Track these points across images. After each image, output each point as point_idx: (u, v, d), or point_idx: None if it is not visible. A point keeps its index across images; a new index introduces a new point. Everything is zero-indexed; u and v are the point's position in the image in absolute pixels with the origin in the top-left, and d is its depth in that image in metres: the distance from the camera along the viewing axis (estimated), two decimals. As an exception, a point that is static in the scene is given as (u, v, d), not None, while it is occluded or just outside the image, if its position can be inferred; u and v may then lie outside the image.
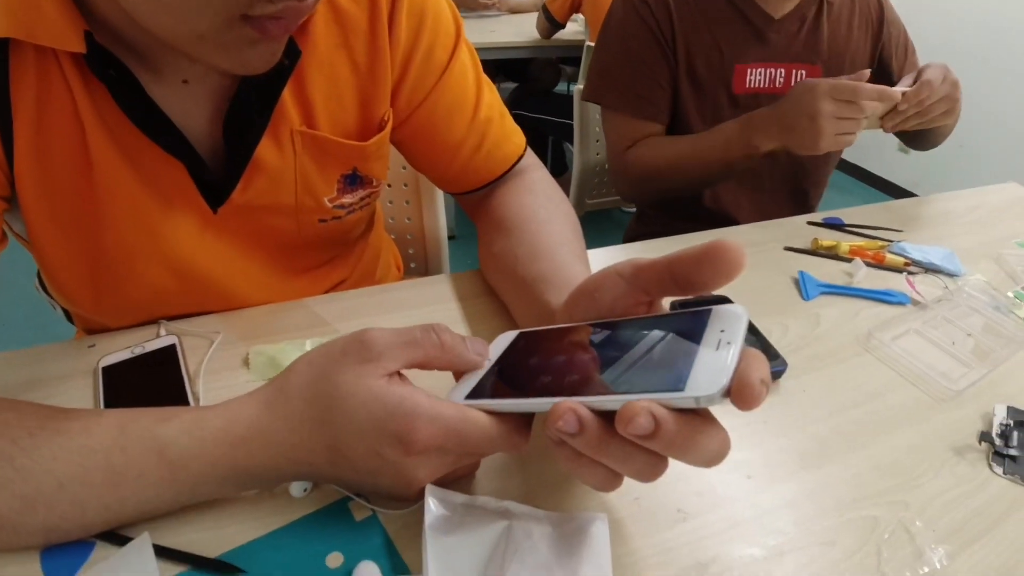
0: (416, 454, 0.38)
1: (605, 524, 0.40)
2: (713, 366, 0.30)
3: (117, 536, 0.40)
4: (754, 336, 0.63)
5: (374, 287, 0.70)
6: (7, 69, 0.47)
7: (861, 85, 0.84)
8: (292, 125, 0.57)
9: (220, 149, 0.55)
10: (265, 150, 0.56)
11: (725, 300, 0.57)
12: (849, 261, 0.80)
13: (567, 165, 2.94)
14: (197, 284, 0.61)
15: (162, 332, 0.59)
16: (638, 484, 0.34)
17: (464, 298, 0.68)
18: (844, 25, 1.09)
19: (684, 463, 0.33)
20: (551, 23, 2.58)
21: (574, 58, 2.47)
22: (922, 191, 2.21)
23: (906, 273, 0.79)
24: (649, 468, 0.34)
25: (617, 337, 0.37)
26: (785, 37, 1.05)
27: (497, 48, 2.57)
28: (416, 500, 0.41)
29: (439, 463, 0.40)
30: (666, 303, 0.64)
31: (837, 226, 0.91)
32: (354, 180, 0.65)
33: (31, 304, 1.71)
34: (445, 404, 0.38)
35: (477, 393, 0.40)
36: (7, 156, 0.50)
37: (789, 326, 0.68)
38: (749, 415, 0.55)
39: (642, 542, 0.44)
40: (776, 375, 0.60)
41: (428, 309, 0.67)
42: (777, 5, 1.03)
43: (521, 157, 0.73)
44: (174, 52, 0.44)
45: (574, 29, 2.73)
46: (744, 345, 0.31)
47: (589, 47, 2.19)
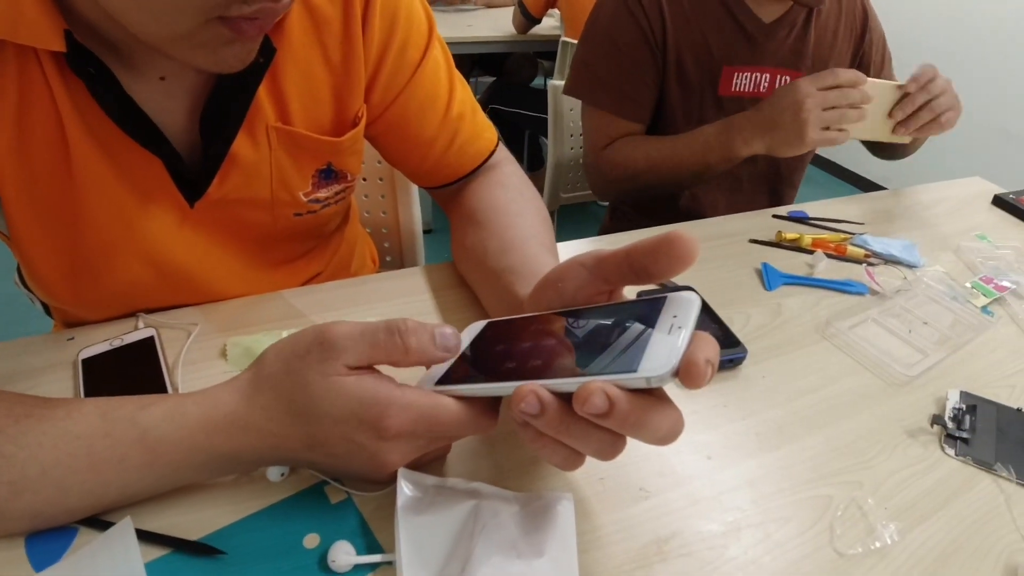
0: (389, 439, 0.39)
1: (571, 503, 0.42)
2: (664, 349, 0.32)
3: (100, 521, 0.41)
4: (716, 324, 0.65)
5: (349, 279, 0.71)
6: None
7: (838, 69, 0.85)
8: (268, 121, 0.58)
9: (197, 144, 0.56)
10: (241, 145, 0.57)
11: (689, 290, 0.59)
12: (811, 253, 0.83)
13: (544, 159, 2.94)
14: (175, 277, 0.61)
15: (140, 324, 0.60)
16: (603, 465, 0.36)
17: (437, 289, 0.70)
18: (830, 32, 1.09)
19: (641, 441, 0.34)
20: (527, 18, 2.59)
21: (551, 52, 2.48)
22: (892, 185, 2.25)
23: (866, 264, 0.82)
24: (607, 447, 0.35)
25: (579, 324, 0.39)
26: (774, 42, 1.05)
27: (474, 43, 2.56)
28: (389, 483, 0.43)
29: (411, 447, 0.41)
30: (633, 293, 0.66)
31: (801, 219, 0.94)
32: (329, 175, 0.66)
33: (10, 299, 1.69)
34: (416, 391, 0.40)
35: (446, 380, 0.42)
36: None
37: (751, 315, 0.70)
38: (711, 399, 0.58)
39: (606, 519, 0.46)
40: (737, 362, 0.62)
41: (401, 301, 0.68)
42: (768, 10, 1.03)
43: (493, 152, 0.74)
44: (151, 49, 0.45)
45: (550, 24, 2.73)
46: (695, 329, 0.33)
47: (565, 42, 2.19)
